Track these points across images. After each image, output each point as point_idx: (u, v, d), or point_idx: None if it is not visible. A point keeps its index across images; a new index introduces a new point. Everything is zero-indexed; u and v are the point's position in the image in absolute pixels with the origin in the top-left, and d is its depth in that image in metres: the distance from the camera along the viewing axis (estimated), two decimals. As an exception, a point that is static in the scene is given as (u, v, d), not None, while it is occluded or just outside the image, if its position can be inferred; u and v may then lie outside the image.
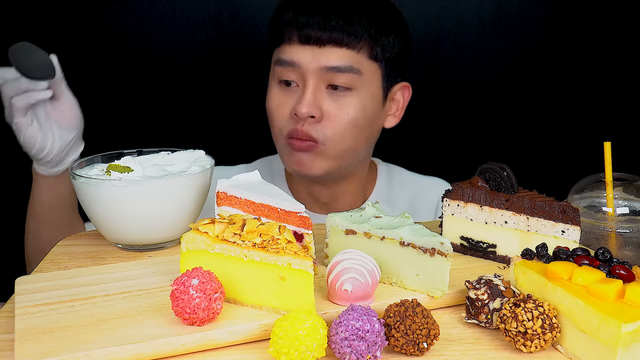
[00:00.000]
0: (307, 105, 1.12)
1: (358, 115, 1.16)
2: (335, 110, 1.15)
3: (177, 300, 0.67)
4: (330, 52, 1.13)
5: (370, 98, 1.17)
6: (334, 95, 1.15)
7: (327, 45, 1.12)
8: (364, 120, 1.17)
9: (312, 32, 1.12)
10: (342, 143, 1.17)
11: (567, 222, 0.85)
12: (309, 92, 1.13)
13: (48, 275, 0.82)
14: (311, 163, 1.18)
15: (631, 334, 0.59)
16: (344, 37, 1.12)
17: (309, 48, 1.13)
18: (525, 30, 1.76)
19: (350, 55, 1.13)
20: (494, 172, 0.90)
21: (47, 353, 0.62)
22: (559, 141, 1.82)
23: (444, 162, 1.80)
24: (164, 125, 1.77)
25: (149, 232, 0.93)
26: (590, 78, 1.78)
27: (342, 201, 1.31)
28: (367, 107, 1.17)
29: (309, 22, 1.12)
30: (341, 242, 0.84)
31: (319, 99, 1.14)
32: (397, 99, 1.27)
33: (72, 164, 0.97)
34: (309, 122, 1.15)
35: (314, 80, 1.14)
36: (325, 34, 1.12)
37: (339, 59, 1.13)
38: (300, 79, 1.15)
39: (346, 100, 1.15)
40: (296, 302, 0.70)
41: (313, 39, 1.12)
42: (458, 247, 0.94)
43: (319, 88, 1.14)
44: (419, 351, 0.66)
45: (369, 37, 1.14)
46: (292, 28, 1.14)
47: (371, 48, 1.15)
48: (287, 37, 1.15)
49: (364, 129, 1.19)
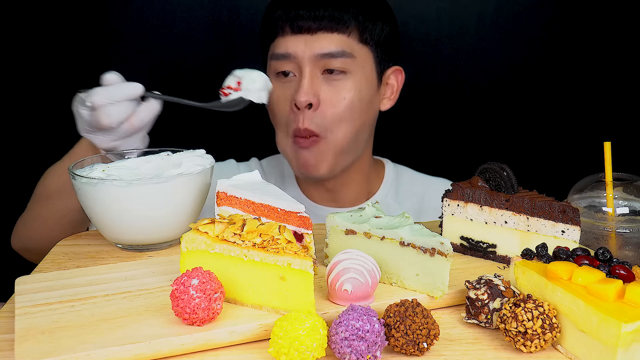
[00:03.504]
0: (305, 94, 1.16)
1: (354, 98, 1.20)
2: (332, 96, 1.19)
3: (177, 300, 0.67)
4: (322, 38, 1.17)
5: (364, 81, 1.22)
6: (330, 80, 1.19)
7: (319, 32, 1.17)
8: (360, 103, 1.21)
9: (303, 22, 1.17)
10: (341, 130, 1.20)
11: (567, 222, 0.85)
12: (305, 79, 1.17)
13: (48, 275, 0.82)
14: (316, 163, 1.22)
15: (631, 334, 0.59)
16: (333, 23, 1.17)
17: (302, 37, 1.17)
18: (524, 30, 1.76)
19: (341, 40, 1.18)
20: (494, 172, 0.90)
21: (47, 353, 0.62)
22: (559, 141, 1.81)
23: (444, 162, 1.80)
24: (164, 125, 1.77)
25: (149, 232, 0.93)
26: (590, 78, 1.78)
27: (347, 191, 1.35)
28: (362, 90, 1.21)
29: (299, 14, 1.17)
30: (341, 242, 0.84)
31: (316, 86, 1.18)
32: (391, 83, 1.31)
33: (73, 164, 0.97)
34: (308, 114, 1.18)
35: (309, 67, 1.18)
36: (315, 24, 1.16)
37: (331, 44, 1.17)
38: (296, 69, 1.20)
39: (342, 84, 1.19)
40: (296, 302, 0.70)
41: (304, 28, 1.17)
42: (458, 247, 0.94)
43: (315, 75, 1.19)
44: (419, 351, 0.66)
45: (357, 22, 1.19)
46: (283, 22, 1.19)
47: (360, 32, 1.20)
48: (280, 30, 1.20)
49: (361, 113, 1.23)
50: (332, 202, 1.36)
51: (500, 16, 1.75)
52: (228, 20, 1.72)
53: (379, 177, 1.41)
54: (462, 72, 1.79)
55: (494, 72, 1.78)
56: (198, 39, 1.72)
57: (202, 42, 1.73)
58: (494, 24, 1.75)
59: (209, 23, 1.72)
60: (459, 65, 1.78)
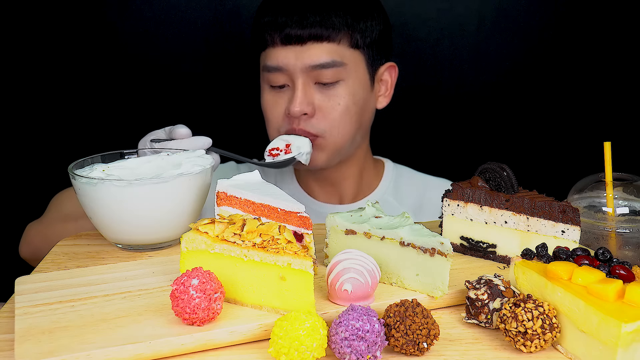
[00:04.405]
0: (299, 104, 1.17)
1: (349, 103, 1.21)
2: (326, 104, 1.20)
3: (177, 300, 0.67)
4: (312, 49, 1.17)
5: (358, 85, 1.22)
6: (323, 89, 1.20)
7: (308, 43, 1.17)
8: (355, 107, 1.22)
9: (291, 31, 1.16)
10: (339, 133, 1.22)
11: (567, 222, 0.85)
12: (299, 91, 1.18)
13: (48, 275, 0.82)
14: (316, 158, 1.23)
15: (631, 334, 0.59)
16: (323, 31, 1.16)
17: (291, 48, 1.17)
18: (524, 30, 1.76)
19: (331, 50, 1.18)
20: (494, 172, 0.90)
21: (47, 353, 0.62)
22: (559, 141, 1.81)
23: (444, 162, 1.80)
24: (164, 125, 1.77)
25: (149, 232, 0.93)
26: (590, 78, 1.78)
27: (345, 184, 1.36)
28: (356, 95, 1.22)
29: (287, 22, 1.17)
30: (341, 242, 0.84)
31: (309, 95, 1.19)
32: (385, 79, 1.31)
33: (73, 164, 0.97)
34: (303, 120, 1.19)
35: (301, 79, 1.18)
36: (304, 32, 1.16)
37: (321, 55, 1.17)
38: (289, 80, 1.20)
39: (335, 92, 1.20)
40: (296, 302, 0.70)
41: (294, 37, 1.16)
42: (458, 247, 0.94)
43: (308, 85, 1.19)
44: (419, 351, 0.66)
45: (346, 27, 1.18)
46: (272, 30, 1.19)
47: (351, 37, 1.19)
48: (269, 40, 1.20)
49: (357, 115, 1.24)
50: (332, 198, 1.37)
51: (500, 16, 1.74)
52: (228, 20, 1.72)
53: (378, 175, 1.42)
54: (462, 72, 1.79)
55: (493, 72, 1.78)
56: (198, 39, 1.72)
57: (202, 42, 1.73)
58: (494, 24, 1.75)
59: (209, 23, 1.72)
60: (459, 65, 1.78)
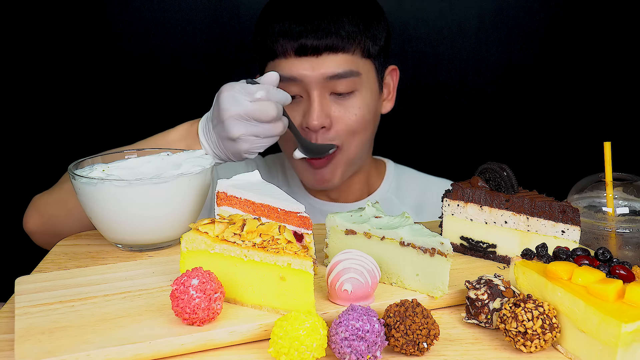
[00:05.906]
0: (317, 117, 1.15)
1: (364, 112, 1.20)
2: (343, 114, 1.18)
3: (177, 300, 0.67)
4: (328, 60, 1.14)
5: (371, 94, 1.22)
6: (339, 100, 1.18)
7: (324, 54, 1.14)
8: (369, 115, 1.22)
9: (307, 41, 1.12)
10: (355, 140, 1.22)
11: (567, 222, 0.85)
12: (315, 103, 1.15)
13: (48, 275, 0.82)
14: (332, 177, 1.24)
15: (631, 334, 0.59)
16: (339, 41, 1.14)
17: (306, 60, 1.14)
18: (524, 30, 1.76)
19: (346, 60, 1.16)
20: (494, 172, 0.90)
21: (47, 353, 0.62)
22: (559, 141, 1.81)
23: (444, 162, 1.80)
24: (164, 125, 1.77)
25: (149, 232, 0.93)
26: (590, 78, 1.78)
27: (349, 189, 1.36)
28: (370, 104, 1.22)
29: (301, 32, 1.12)
30: (341, 242, 0.84)
31: (326, 107, 1.17)
32: (387, 83, 1.31)
33: (73, 164, 0.97)
34: (321, 133, 1.18)
35: (317, 90, 1.15)
36: (321, 42, 1.13)
37: (338, 65, 1.15)
38: (303, 91, 1.17)
39: (351, 103, 1.19)
40: (296, 302, 0.70)
41: (310, 49, 1.13)
42: (458, 247, 0.94)
43: (323, 97, 1.17)
44: (419, 351, 0.66)
45: (359, 34, 1.16)
46: (285, 40, 1.14)
47: (363, 45, 1.18)
48: (280, 50, 1.15)
49: (371, 123, 1.25)
50: (333, 198, 1.37)
51: (500, 16, 1.75)
52: (228, 20, 1.72)
53: (379, 175, 1.42)
54: (462, 72, 1.79)
55: (494, 72, 1.78)
56: (198, 39, 1.72)
57: (202, 42, 1.73)
58: (494, 24, 1.75)
59: (208, 23, 1.72)
60: (459, 65, 1.78)
